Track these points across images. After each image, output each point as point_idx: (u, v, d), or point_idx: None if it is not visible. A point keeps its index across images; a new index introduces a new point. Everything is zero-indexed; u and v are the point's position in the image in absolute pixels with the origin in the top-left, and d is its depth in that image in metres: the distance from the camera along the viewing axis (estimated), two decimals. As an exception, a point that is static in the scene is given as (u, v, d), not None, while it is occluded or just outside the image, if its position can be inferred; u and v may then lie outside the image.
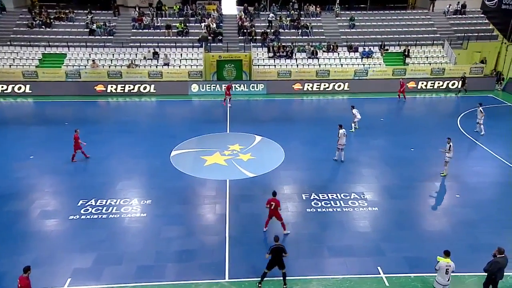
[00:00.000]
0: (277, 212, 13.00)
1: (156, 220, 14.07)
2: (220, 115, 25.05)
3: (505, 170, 17.70)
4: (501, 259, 9.93)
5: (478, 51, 32.46)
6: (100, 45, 31.70)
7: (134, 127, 22.88)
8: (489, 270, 9.99)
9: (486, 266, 10.04)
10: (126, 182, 16.68)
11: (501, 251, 9.99)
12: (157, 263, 11.89)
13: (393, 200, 15.32)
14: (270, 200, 12.99)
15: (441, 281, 9.78)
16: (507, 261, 10.06)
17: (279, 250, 10.67)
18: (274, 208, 12.93)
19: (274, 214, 13.02)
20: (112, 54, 31.14)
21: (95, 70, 29.48)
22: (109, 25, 32.83)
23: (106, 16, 34.29)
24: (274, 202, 12.90)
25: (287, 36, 33.09)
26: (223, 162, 18.47)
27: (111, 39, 32.26)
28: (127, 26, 33.45)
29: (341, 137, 17.93)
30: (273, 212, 12.99)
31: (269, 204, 12.94)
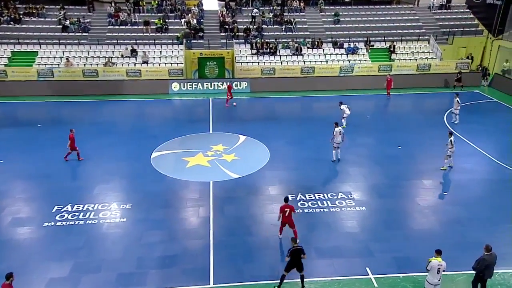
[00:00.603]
0: (291, 219, 12.61)
1: (136, 225, 13.91)
2: (202, 114, 24.94)
3: (492, 166, 18.15)
4: (488, 257, 10.16)
5: (464, 46, 33.20)
6: (74, 42, 31.17)
7: (112, 128, 22.57)
8: (477, 268, 10.21)
9: (474, 264, 10.27)
10: (104, 185, 16.45)
11: (488, 249, 10.22)
12: (139, 270, 11.76)
13: (381, 199, 15.54)
14: (283, 207, 12.58)
15: (432, 281, 9.93)
16: (496, 258, 10.31)
17: (298, 252, 10.69)
18: (289, 215, 12.52)
19: (289, 221, 12.63)
20: (87, 52, 30.65)
21: (69, 69, 28.97)
22: (84, 21, 32.28)
23: (80, 12, 33.71)
24: (289, 208, 12.51)
25: (271, 32, 33.19)
26: (206, 163, 18.40)
27: (86, 36, 31.75)
28: (103, 22, 32.96)
29: (336, 135, 18.06)
30: (287, 219, 12.58)
31: (283, 212, 12.52)
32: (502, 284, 11.17)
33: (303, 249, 10.75)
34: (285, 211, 12.54)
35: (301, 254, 10.69)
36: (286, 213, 12.54)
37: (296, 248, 10.69)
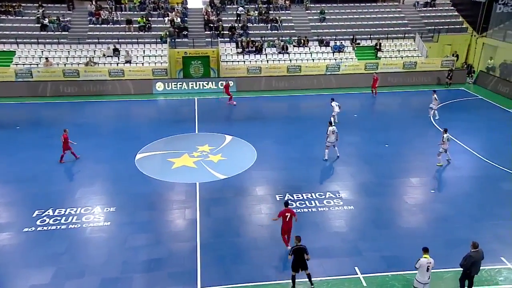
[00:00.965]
0: (291, 224, 12.27)
1: (121, 229, 13.78)
2: (187, 114, 24.84)
3: (477, 163, 18.52)
4: (474, 254, 10.35)
5: (449, 44, 33.82)
6: (53, 41, 30.69)
7: (94, 130, 22.30)
8: (464, 265, 10.41)
9: (461, 261, 10.45)
10: (87, 189, 16.25)
11: (475, 245, 10.42)
12: (124, 275, 11.65)
13: (369, 198, 15.71)
14: (283, 211, 12.24)
15: (422, 279, 10.04)
16: (482, 255, 10.52)
17: (301, 251, 10.72)
18: (290, 220, 12.18)
19: (289, 227, 12.30)
20: (67, 52, 30.22)
21: (49, 69, 28.51)
22: (63, 19, 31.80)
23: (59, 10, 33.19)
24: (289, 213, 12.19)
25: (256, 30, 33.23)
26: (192, 164, 18.33)
27: (66, 35, 31.28)
28: (83, 21, 32.53)
29: (329, 135, 18.18)
30: (289, 224, 12.25)
31: (283, 216, 12.16)
32: (489, 281, 11.41)
33: (306, 249, 10.79)
34: (285, 216, 12.15)
35: (304, 253, 10.75)
36: (286, 218, 12.15)
37: (298, 247, 10.75)
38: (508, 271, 11.75)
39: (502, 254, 12.35)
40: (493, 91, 29.00)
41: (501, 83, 28.80)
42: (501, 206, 14.97)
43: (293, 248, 10.79)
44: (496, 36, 31.59)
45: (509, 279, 11.49)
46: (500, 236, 13.28)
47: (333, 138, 18.23)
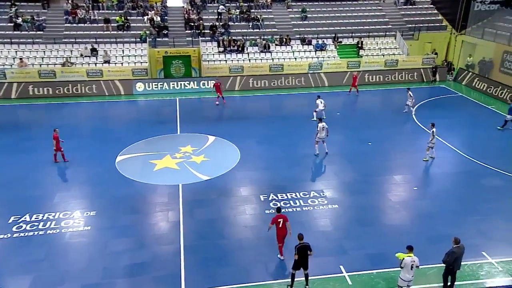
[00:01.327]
0: (286, 230, 12.03)
1: (102, 233, 13.56)
2: (169, 115, 24.63)
3: (458, 159, 18.92)
4: (457, 249, 10.56)
5: (429, 41, 34.45)
6: (28, 41, 29.98)
7: (72, 132, 21.84)
8: (447, 261, 10.61)
9: (444, 257, 10.65)
10: (66, 193, 15.94)
11: (456, 241, 10.63)
12: (105, 280, 11.46)
13: (353, 196, 15.87)
14: (276, 217, 11.97)
15: (406, 277, 10.17)
16: (464, 250, 10.73)
17: (305, 249, 10.72)
18: (283, 226, 11.95)
19: (284, 233, 12.03)
20: (43, 52, 29.57)
21: (23, 70, 27.85)
22: (38, 18, 31.08)
23: (33, 9, 32.38)
24: (282, 218, 11.95)
25: (237, 29, 33.18)
26: (174, 165, 18.18)
27: (41, 35, 30.60)
28: (59, 20, 31.88)
29: (320, 131, 18.48)
30: (283, 231, 12.00)
31: (276, 223, 11.90)
32: (471, 276, 11.67)
33: (309, 245, 10.83)
34: (278, 222, 11.94)
35: (307, 250, 10.77)
36: (280, 224, 11.93)
37: (302, 245, 10.76)
38: (489, 266, 12.04)
39: (483, 249, 12.64)
40: (473, 88, 29.68)
41: (480, 80, 29.51)
42: (483, 202, 15.33)
43: (297, 247, 10.77)
44: (475, 34, 32.35)
45: (491, 273, 11.77)
46: (482, 231, 13.60)
47: (324, 134, 18.51)
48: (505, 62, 28.80)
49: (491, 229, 13.69)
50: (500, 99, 27.05)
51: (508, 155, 19.17)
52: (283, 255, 12.27)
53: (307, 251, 10.81)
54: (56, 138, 17.91)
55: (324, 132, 18.52)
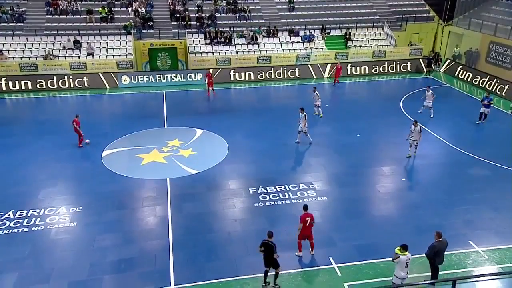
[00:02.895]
0: (311, 229, 11.90)
1: (88, 229, 13.43)
2: (156, 108, 24.41)
3: (446, 150, 19.16)
4: (438, 243, 10.63)
5: (416, 32, 34.67)
6: (8, 33, 29.33)
7: (56, 127, 21.54)
8: (428, 254, 10.73)
9: (427, 250, 10.75)
10: (50, 189, 15.72)
11: (439, 235, 10.73)
12: (92, 277, 11.38)
13: (342, 188, 15.98)
14: (304, 215, 11.69)
15: (401, 275, 10.12)
16: (447, 244, 10.83)
17: (269, 247, 10.55)
18: (309, 225, 11.76)
19: (309, 232, 11.91)
20: (24, 44, 28.99)
21: (4, 63, 27.28)
22: (18, 10, 30.38)
23: (13, 0, 31.65)
24: (309, 217, 11.71)
25: (224, 20, 32.92)
26: (161, 159, 18.06)
27: (22, 27, 29.95)
28: (40, 11, 31.21)
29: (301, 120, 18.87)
30: (309, 230, 11.86)
31: (304, 221, 11.63)
32: (458, 264, 11.88)
33: (274, 246, 10.56)
34: (306, 221, 11.64)
35: (272, 250, 10.59)
36: (307, 223, 11.66)
37: (266, 242, 10.63)
38: (476, 255, 12.27)
39: (470, 238, 12.88)
40: (460, 78, 30.02)
41: (467, 71, 29.85)
42: (469, 191, 15.58)
43: (262, 242, 10.71)
44: (461, 24, 32.64)
45: (477, 262, 12.00)
46: (468, 221, 13.83)
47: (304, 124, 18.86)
48: (491, 53, 29.16)
49: (477, 219, 13.94)
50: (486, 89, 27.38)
51: (493, 145, 19.49)
52: (301, 252, 12.16)
53: (271, 251, 10.53)
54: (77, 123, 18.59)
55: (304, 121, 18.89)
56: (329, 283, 11.14)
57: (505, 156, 18.11)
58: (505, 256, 12.21)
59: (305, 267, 11.73)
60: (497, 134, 20.79)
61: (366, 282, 11.14)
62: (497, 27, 29.12)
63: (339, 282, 11.20)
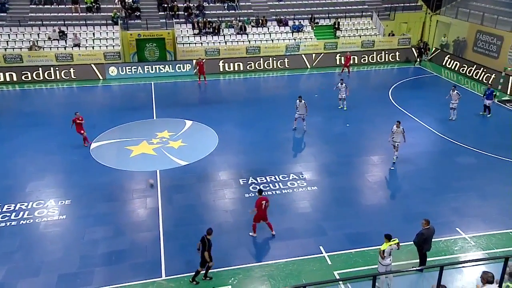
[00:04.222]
0: (266, 212, 12.31)
1: (78, 222, 13.36)
2: (144, 100, 24.19)
3: (433, 138, 19.39)
4: (426, 231, 10.80)
5: (405, 22, 34.77)
6: (-9, 24, 28.70)
7: (43, 120, 21.28)
8: (416, 242, 10.90)
9: (415, 238, 10.92)
10: (39, 182, 15.56)
11: (427, 222, 10.88)
12: (82, 269, 11.35)
13: (332, 177, 16.10)
14: (260, 200, 12.17)
15: (385, 262, 10.29)
16: (434, 231, 11.01)
17: (203, 242, 10.44)
18: (265, 208, 12.18)
19: (264, 215, 12.34)
20: (7, 35, 28.37)
21: (-12, 55, 26.72)
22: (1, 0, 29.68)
23: (-4, -10, 30.92)
24: (265, 201, 12.18)
25: (213, 10, 32.61)
26: (151, 151, 17.96)
27: (5, 17, 29.28)
28: (24, 1, 30.47)
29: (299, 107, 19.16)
30: (264, 213, 12.27)
31: (259, 205, 12.09)
32: (446, 251, 12.10)
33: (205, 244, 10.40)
34: (261, 204, 12.12)
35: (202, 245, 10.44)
36: (262, 206, 12.14)
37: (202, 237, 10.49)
38: (463, 241, 12.51)
39: (457, 225, 13.11)
40: (447, 67, 30.27)
41: (454, 60, 30.09)
42: (457, 180, 15.82)
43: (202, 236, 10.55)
44: (449, 14, 32.81)
45: (464, 248, 12.24)
46: (456, 208, 14.07)
47: (303, 110, 19.07)
48: (478, 42, 29.41)
49: (464, 206, 14.19)
50: (474, 78, 27.69)
51: (480, 133, 19.78)
52: (255, 233, 12.62)
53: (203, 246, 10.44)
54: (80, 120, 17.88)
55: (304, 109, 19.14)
56: (319, 272, 11.26)
57: (491, 144, 18.40)
58: (490, 242, 12.47)
59: (296, 256, 11.83)
60: (484, 122, 21.07)
61: (355, 270, 11.29)
62: (484, 16, 29.34)
63: (329, 270, 11.33)
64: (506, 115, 22.24)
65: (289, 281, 10.96)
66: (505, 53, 27.07)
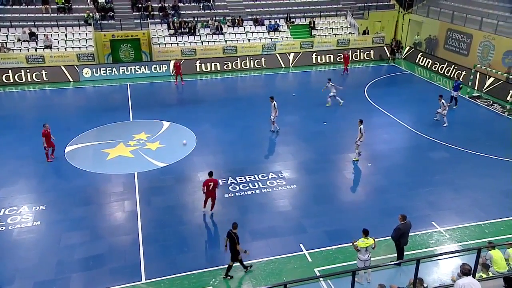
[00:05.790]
0: (214, 192, 13.37)
1: (53, 227, 13.04)
2: (120, 102, 23.80)
3: (408, 134, 19.81)
4: (402, 226, 11.05)
5: (379, 20, 35.40)
6: (-43, 25, 27.65)
7: (14, 123, 20.67)
8: (393, 237, 11.15)
9: (392, 233, 11.16)
10: (11, 188, 15.11)
11: (403, 218, 11.13)
12: (59, 276, 11.08)
13: (310, 175, 16.24)
14: (207, 181, 13.22)
15: (363, 258, 10.51)
16: (410, 226, 11.27)
17: (231, 237, 10.67)
18: (213, 189, 13.23)
19: (211, 195, 13.40)
20: (-25, 37, 27.41)
21: (-46, 57, 25.75)
22: (-33, 0, 28.69)
23: (-39, -10, 29.82)
24: (213, 182, 13.18)
25: (188, 10, 32.37)
26: (128, 153, 17.70)
27: (-28, 18, 28.30)
28: (-8, 2, 29.57)
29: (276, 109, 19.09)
30: (211, 193, 13.35)
31: (206, 186, 13.19)
32: (422, 244, 12.39)
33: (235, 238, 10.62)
34: (209, 185, 13.17)
35: (234, 241, 10.66)
36: (210, 187, 13.18)
37: (229, 232, 10.73)
38: (438, 234, 12.84)
39: (433, 219, 13.45)
40: (420, 65, 30.97)
41: (427, 57, 30.83)
42: (431, 174, 16.22)
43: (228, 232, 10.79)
44: (420, 12, 33.56)
45: (440, 241, 12.56)
46: (431, 202, 14.42)
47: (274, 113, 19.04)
48: (449, 40, 30.21)
49: (439, 200, 14.56)
50: (445, 75, 28.43)
51: (452, 128, 20.31)
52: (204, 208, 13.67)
53: (234, 242, 10.68)
54: (44, 135, 16.53)
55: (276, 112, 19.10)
56: (300, 269, 11.35)
57: (462, 139, 18.96)
58: (464, 234, 12.85)
59: (276, 255, 11.88)
60: (455, 118, 21.66)
61: (335, 266, 11.42)
62: (453, 15, 30.15)
63: (309, 267, 11.43)
64: (475, 111, 22.96)
65: (270, 280, 11.01)
66: (475, 50, 27.91)
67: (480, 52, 27.56)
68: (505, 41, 25.69)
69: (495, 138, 19.23)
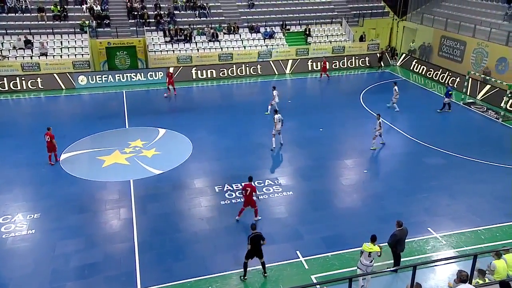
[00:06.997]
0: (252, 198, 13.30)
1: (48, 236, 12.94)
2: (116, 109, 23.77)
3: (403, 141, 19.90)
4: (399, 232, 11.06)
5: (373, 27, 35.69)
6: (-48, 33, 27.59)
7: (10, 130, 20.59)
8: (390, 243, 11.14)
9: (389, 239, 11.15)
10: (5, 196, 15.01)
11: (399, 224, 11.14)
12: (54, 284, 10.98)
13: (307, 182, 16.24)
14: (245, 185, 13.34)
15: (365, 263, 10.46)
16: (407, 232, 11.27)
17: (257, 238, 10.77)
18: (250, 194, 13.21)
19: (250, 200, 13.33)
20: (-30, 44, 27.36)
21: (-51, 65, 25.65)
22: (-38, 8, 28.66)
23: (-44, -2, 29.79)
24: (250, 188, 13.20)
25: (184, 18, 32.50)
26: (124, 161, 17.64)
27: (-33, 26, 28.26)
28: (-13, 10, 29.56)
29: (276, 123, 18.34)
30: (248, 198, 13.29)
31: (245, 190, 13.28)
32: (418, 251, 12.40)
33: (261, 235, 10.90)
34: (246, 190, 13.28)
35: (260, 240, 10.85)
36: (247, 192, 13.25)
37: (255, 235, 10.80)
38: (434, 240, 12.85)
39: (429, 225, 13.47)
40: (415, 72, 31.20)
41: (421, 64, 31.07)
42: (427, 180, 16.26)
43: (249, 237, 10.82)
44: (414, 20, 33.90)
45: (436, 247, 12.57)
46: (427, 208, 14.45)
47: (279, 126, 18.45)
48: (443, 47, 30.49)
49: (434, 206, 14.59)
50: (440, 82, 28.64)
51: (447, 135, 20.43)
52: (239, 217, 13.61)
53: (259, 241, 10.90)
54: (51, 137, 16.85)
55: (280, 124, 18.44)
56: (296, 277, 11.31)
57: (457, 145, 19.05)
58: (460, 240, 12.87)
59: (273, 262, 11.83)
60: (450, 124, 21.81)
61: (332, 273, 11.39)
62: (447, 22, 30.46)
63: (306, 274, 11.39)
64: (469, 117, 23.12)
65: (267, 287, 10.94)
66: (468, 57, 28.17)
67: (473, 59, 27.81)
68: (498, 48, 25.96)
69: (489, 144, 19.36)
